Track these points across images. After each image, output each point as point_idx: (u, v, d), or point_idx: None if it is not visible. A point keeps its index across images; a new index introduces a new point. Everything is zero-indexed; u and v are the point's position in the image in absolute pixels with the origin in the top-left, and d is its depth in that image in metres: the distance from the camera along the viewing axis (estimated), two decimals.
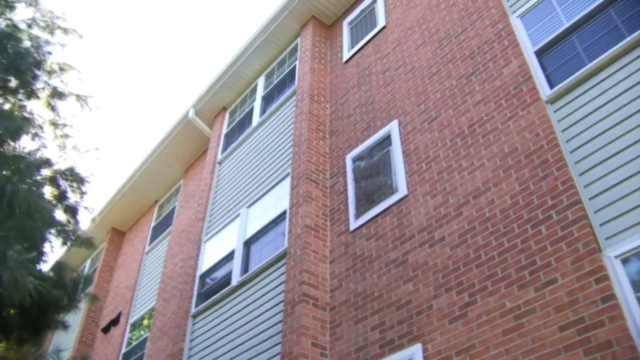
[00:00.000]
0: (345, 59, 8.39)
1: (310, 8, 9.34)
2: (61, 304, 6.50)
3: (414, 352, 4.54)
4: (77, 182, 6.86)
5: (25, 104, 6.98)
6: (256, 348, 6.06)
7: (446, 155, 5.52)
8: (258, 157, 8.60)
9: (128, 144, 45.56)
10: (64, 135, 7.20)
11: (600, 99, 4.39)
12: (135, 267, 12.25)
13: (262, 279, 6.67)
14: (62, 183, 6.79)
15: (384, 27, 7.94)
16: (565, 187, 4.21)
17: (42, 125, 7.13)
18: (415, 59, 6.85)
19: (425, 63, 6.63)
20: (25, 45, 6.75)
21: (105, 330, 11.79)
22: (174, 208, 12.04)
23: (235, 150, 9.54)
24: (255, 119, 9.41)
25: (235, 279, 7.14)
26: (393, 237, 5.51)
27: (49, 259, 6.89)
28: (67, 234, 6.63)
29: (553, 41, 5.13)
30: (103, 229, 13.88)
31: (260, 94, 9.88)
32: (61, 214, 6.86)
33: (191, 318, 7.70)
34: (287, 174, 7.45)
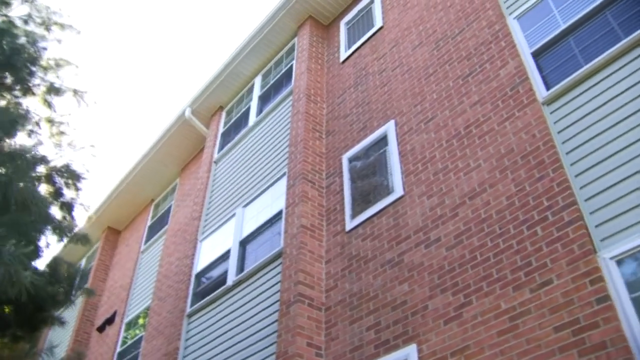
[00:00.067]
0: (342, 59, 8.39)
1: (307, 8, 9.34)
2: (57, 299, 6.45)
3: (409, 353, 4.54)
4: (73, 179, 6.82)
5: (21, 100, 6.95)
6: (251, 348, 6.05)
7: (442, 156, 5.52)
8: (254, 157, 8.59)
9: (124, 142, 45.49)
10: (59, 133, 7.16)
11: (596, 101, 4.40)
12: (130, 266, 12.21)
13: (258, 279, 6.66)
14: (58, 180, 6.76)
15: (381, 28, 7.94)
16: (561, 189, 4.22)
17: (39, 122, 7.10)
18: (412, 59, 6.85)
19: (422, 64, 6.63)
20: (21, 41, 6.71)
21: (101, 329, 11.75)
22: (169, 207, 12.01)
23: (231, 150, 9.52)
24: (252, 119, 9.40)
25: (230, 279, 7.13)
26: (389, 238, 5.51)
27: (45, 256, 6.85)
28: (63, 230, 6.58)
29: (550, 43, 5.14)
30: (99, 227, 13.84)
31: (257, 93, 9.87)
32: (57, 211, 6.82)
33: (186, 317, 7.68)
34: (284, 174, 7.44)
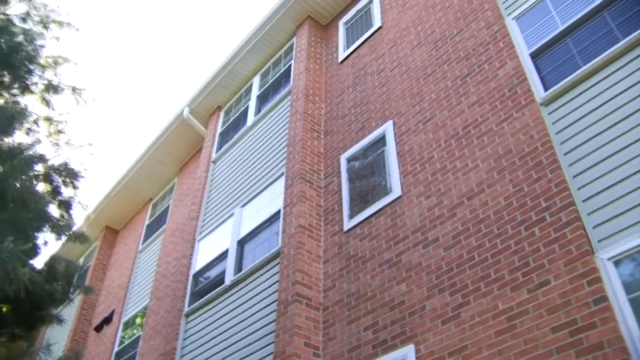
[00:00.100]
0: (340, 59, 8.39)
1: (306, 8, 9.33)
2: (55, 297, 6.41)
3: (407, 353, 4.54)
4: (71, 177, 6.79)
5: (19, 99, 6.92)
6: (249, 347, 6.05)
7: (440, 156, 5.52)
8: (253, 157, 8.59)
9: (122, 141, 45.44)
10: (57, 131, 7.14)
11: (594, 102, 4.40)
12: (128, 266, 12.20)
13: (256, 279, 6.66)
14: (56, 178, 6.73)
15: (379, 28, 7.95)
16: (559, 189, 4.22)
17: (37, 120, 7.07)
18: (411, 59, 6.85)
19: (420, 64, 6.63)
20: (19, 39, 6.69)
21: (98, 328, 11.73)
22: (168, 207, 12.00)
23: (229, 149, 9.52)
24: (250, 118, 9.40)
25: (228, 278, 7.12)
26: (387, 238, 5.51)
27: (42, 254, 6.83)
28: (61, 229, 6.56)
29: (548, 43, 5.14)
30: (96, 227, 13.82)
31: (255, 93, 9.87)
32: (55, 209, 6.80)
33: (184, 317, 7.68)
34: (282, 174, 7.44)
